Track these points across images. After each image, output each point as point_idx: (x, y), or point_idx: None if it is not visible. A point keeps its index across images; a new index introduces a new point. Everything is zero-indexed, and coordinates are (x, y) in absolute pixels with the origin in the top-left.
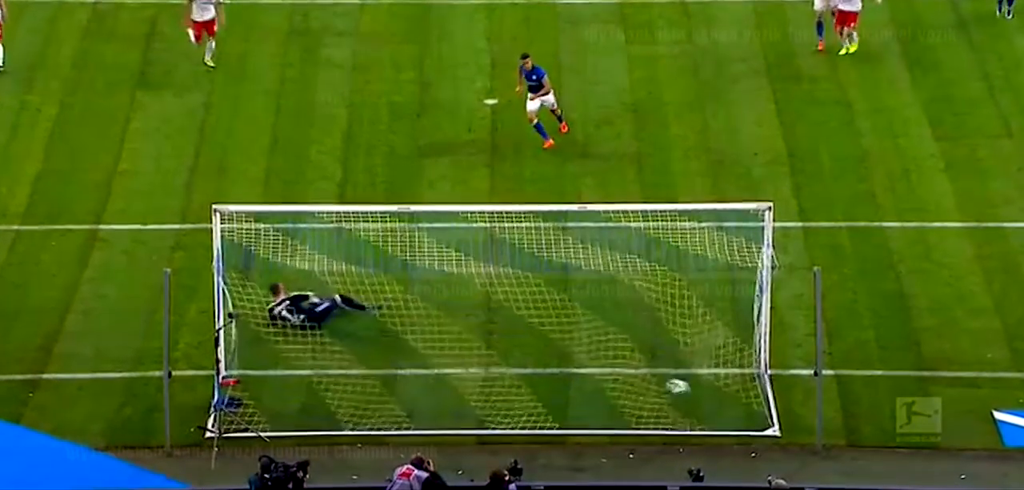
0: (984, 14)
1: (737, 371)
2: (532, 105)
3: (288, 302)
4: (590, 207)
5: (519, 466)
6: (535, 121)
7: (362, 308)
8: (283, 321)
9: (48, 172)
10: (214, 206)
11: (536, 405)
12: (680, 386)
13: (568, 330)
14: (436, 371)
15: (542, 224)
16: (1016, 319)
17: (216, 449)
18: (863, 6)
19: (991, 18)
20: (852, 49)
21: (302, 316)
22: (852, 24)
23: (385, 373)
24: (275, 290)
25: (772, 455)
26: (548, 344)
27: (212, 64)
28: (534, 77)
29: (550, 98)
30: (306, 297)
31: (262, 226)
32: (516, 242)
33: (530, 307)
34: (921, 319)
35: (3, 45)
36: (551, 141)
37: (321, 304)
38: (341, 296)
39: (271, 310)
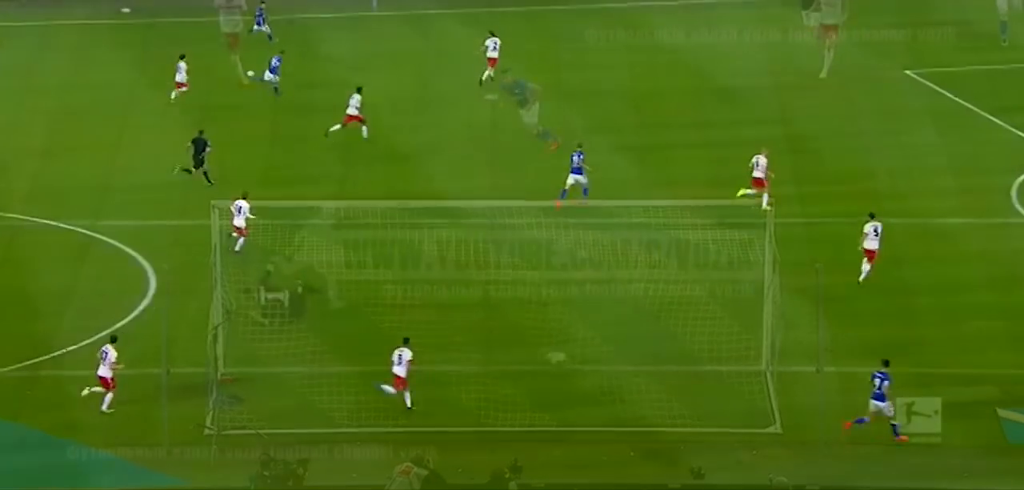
0: (986, 11)
1: (739, 368)
2: (527, 119)
3: (264, 287)
4: (591, 204)
5: (519, 464)
6: (536, 132)
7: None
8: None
9: (47, 168)
10: (213, 203)
11: (536, 402)
12: (558, 357)
13: (569, 327)
14: (436, 368)
15: (543, 220)
16: (1020, 316)
17: (214, 446)
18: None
19: (992, 11)
20: (822, 74)
21: (285, 293)
22: (833, 36)
23: (385, 370)
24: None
25: (773, 452)
26: (549, 341)
27: (248, 79)
28: (517, 91)
29: (535, 111)
30: (269, 272)
31: (262, 222)
32: (516, 239)
33: (531, 304)
34: (924, 316)
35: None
36: (558, 142)
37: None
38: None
39: (258, 304)
